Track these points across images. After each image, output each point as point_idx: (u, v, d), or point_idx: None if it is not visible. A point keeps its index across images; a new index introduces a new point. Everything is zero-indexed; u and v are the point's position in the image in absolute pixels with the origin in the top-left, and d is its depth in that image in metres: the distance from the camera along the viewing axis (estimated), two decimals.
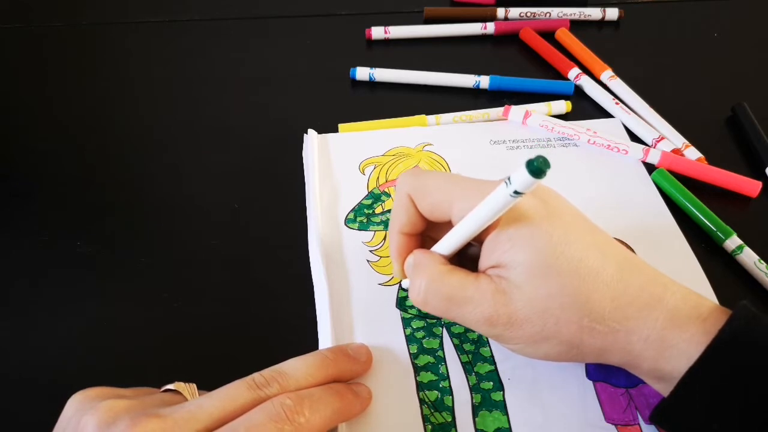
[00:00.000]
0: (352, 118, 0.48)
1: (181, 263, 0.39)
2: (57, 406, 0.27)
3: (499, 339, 0.30)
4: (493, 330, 0.29)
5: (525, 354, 0.30)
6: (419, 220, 0.32)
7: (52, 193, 0.43)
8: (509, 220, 0.28)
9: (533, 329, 0.28)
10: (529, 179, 0.24)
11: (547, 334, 0.28)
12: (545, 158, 0.23)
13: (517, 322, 0.28)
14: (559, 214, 0.29)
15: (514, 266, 0.28)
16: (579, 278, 0.27)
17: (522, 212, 0.28)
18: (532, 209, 0.28)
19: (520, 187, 0.24)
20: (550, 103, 0.49)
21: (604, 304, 0.27)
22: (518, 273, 0.28)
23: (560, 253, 0.27)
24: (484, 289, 0.29)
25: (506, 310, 0.28)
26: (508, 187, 0.25)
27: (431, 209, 0.31)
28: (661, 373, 0.27)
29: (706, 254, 0.39)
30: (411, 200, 0.32)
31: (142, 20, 0.59)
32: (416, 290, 0.30)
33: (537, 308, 0.28)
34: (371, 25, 0.57)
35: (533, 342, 0.29)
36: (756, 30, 0.60)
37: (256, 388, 0.27)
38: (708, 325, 0.27)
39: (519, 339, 0.29)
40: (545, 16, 0.59)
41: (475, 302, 0.29)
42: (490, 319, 0.28)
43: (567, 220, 0.29)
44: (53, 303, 0.37)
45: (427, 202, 0.31)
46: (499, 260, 0.28)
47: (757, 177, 0.43)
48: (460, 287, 0.29)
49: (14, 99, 0.52)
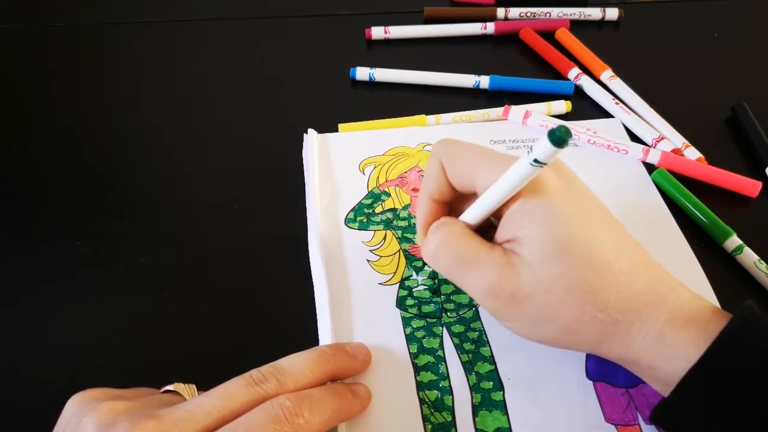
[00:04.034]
0: (352, 118, 0.48)
1: (181, 263, 0.39)
2: (57, 406, 0.27)
3: (498, 314, 0.30)
4: (494, 302, 0.29)
5: (521, 333, 0.30)
6: (449, 188, 0.32)
7: (52, 193, 0.43)
8: (530, 193, 0.28)
9: (534, 308, 0.28)
10: (551, 148, 0.24)
11: (548, 316, 0.28)
12: (567, 128, 0.23)
13: (519, 298, 0.28)
14: (580, 196, 0.29)
15: (529, 242, 0.28)
16: (590, 264, 0.27)
17: (544, 188, 0.28)
18: (554, 187, 0.28)
19: (541, 156, 0.25)
20: (550, 103, 0.49)
21: (609, 295, 0.27)
22: (531, 249, 0.28)
23: (576, 235, 0.27)
24: (495, 258, 0.29)
25: (511, 284, 0.28)
26: (529, 156, 0.25)
27: (459, 179, 0.31)
28: (659, 372, 0.27)
29: (706, 254, 0.39)
30: (442, 168, 0.32)
31: (142, 20, 0.59)
32: (430, 243, 0.30)
33: (542, 287, 0.27)
34: (371, 25, 0.57)
35: (532, 322, 0.29)
36: (756, 30, 0.60)
37: (254, 385, 0.27)
38: (709, 327, 0.26)
39: (518, 316, 0.29)
40: (545, 16, 0.59)
41: (483, 269, 0.29)
42: (492, 290, 0.28)
43: (587, 205, 0.29)
44: (53, 303, 0.37)
45: (456, 172, 0.31)
46: (515, 234, 0.28)
47: (757, 177, 0.43)
48: (472, 249, 0.29)
49: (14, 99, 0.52)
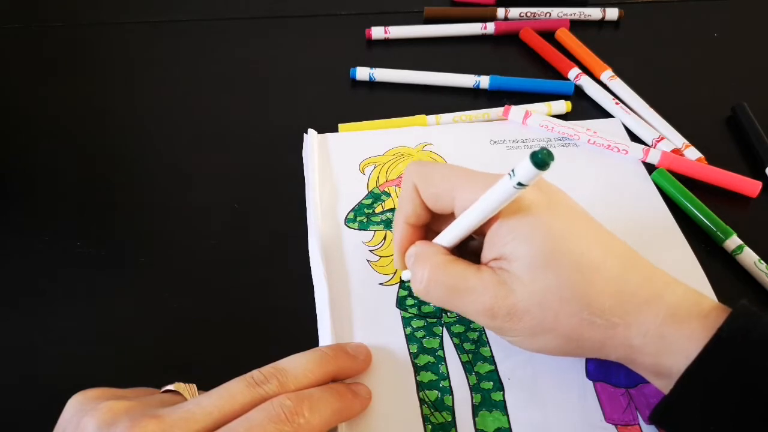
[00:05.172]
0: (352, 118, 0.48)
1: (181, 263, 0.39)
2: (57, 406, 0.27)
3: (499, 331, 0.30)
4: (493, 322, 0.29)
5: (524, 347, 0.30)
6: (424, 210, 0.32)
7: (52, 193, 0.43)
8: (511, 212, 0.28)
9: (533, 321, 0.28)
10: (533, 171, 0.24)
11: (547, 327, 0.28)
12: (549, 150, 0.23)
13: (518, 314, 0.28)
14: (561, 207, 0.29)
15: (516, 258, 0.28)
16: (579, 272, 0.27)
17: (524, 204, 0.28)
18: (534, 202, 0.28)
19: (523, 178, 0.25)
20: (550, 103, 0.49)
21: (603, 299, 0.27)
22: (519, 265, 0.28)
23: (561, 246, 0.28)
24: (485, 280, 0.29)
25: (507, 301, 0.28)
26: (511, 179, 0.25)
27: (435, 200, 0.31)
28: (661, 368, 0.27)
29: (706, 254, 0.39)
30: (416, 190, 0.32)
31: (142, 20, 0.59)
32: (418, 280, 0.30)
33: (537, 300, 0.28)
34: (371, 25, 0.57)
35: (532, 334, 0.29)
36: (756, 30, 0.60)
37: (255, 386, 0.27)
38: (708, 322, 0.27)
39: (518, 331, 0.29)
40: (545, 16, 0.59)
41: (477, 293, 0.29)
42: (490, 311, 0.28)
43: (569, 214, 0.29)
44: (53, 303, 0.37)
45: (431, 193, 0.31)
46: (500, 252, 0.28)
47: (757, 177, 0.43)
48: (462, 277, 0.29)
49: (14, 99, 0.52)
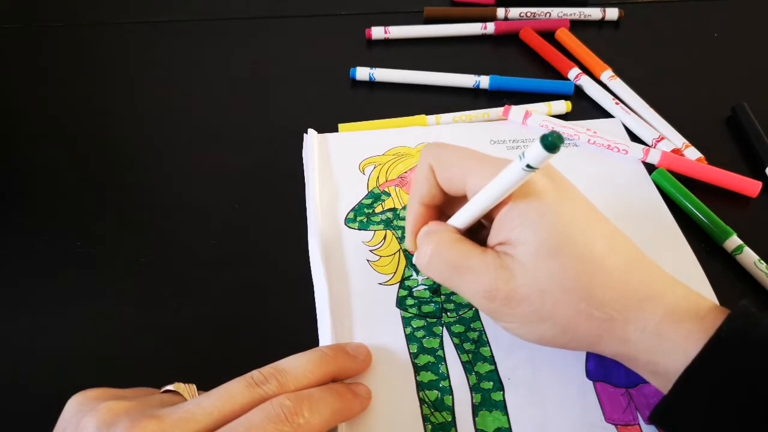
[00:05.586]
0: (352, 118, 0.48)
1: (181, 263, 0.39)
2: (57, 406, 0.27)
3: (495, 315, 0.30)
4: (491, 305, 0.29)
5: (518, 334, 0.30)
6: (438, 191, 0.32)
7: (52, 193, 0.43)
8: (521, 196, 0.28)
9: (531, 308, 0.28)
10: (543, 153, 0.24)
11: (544, 315, 0.28)
12: (559, 134, 0.24)
13: (516, 299, 0.28)
14: (570, 198, 0.29)
15: (522, 243, 0.28)
16: (583, 263, 0.27)
17: (534, 191, 0.28)
18: (544, 190, 0.28)
19: (533, 161, 0.25)
20: (550, 103, 0.49)
21: (604, 292, 0.27)
22: (524, 251, 0.28)
23: (568, 235, 0.28)
24: (488, 261, 0.29)
25: (506, 286, 0.28)
26: (521, 161, 0.25)
27: (449, 182, 0.31)
28: (657, 367, 0.27)
29: (706, 254, 0.39)
30: (432, 171, 0.32)
31: (142, 20, 0.59)
32: (422, 253, 0.31)
33: (537, 287, 0.28)
34: (371, 25, 0.57)
35: (528, 322, 0.29)
36: (756, 30, 0.60)
37: (255, 386, 0.27)
38: (706, 322, 0.27)
39: (514, 317, 0.29)
40: (545, 16, 0.59)
41: (478, 273, 0.29)
42: (489, 293, 0.29)
43: (578, 205, 0.29)
44: (53, 303, 0.37)
45: (445, 175, 0.31)
46: (507, 237, 0.29)
47: (757, 177, 0.43)
48: (465, 256, 0.29)
49: (14, 99, 0.52)
